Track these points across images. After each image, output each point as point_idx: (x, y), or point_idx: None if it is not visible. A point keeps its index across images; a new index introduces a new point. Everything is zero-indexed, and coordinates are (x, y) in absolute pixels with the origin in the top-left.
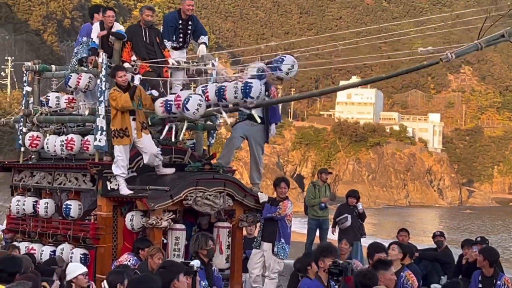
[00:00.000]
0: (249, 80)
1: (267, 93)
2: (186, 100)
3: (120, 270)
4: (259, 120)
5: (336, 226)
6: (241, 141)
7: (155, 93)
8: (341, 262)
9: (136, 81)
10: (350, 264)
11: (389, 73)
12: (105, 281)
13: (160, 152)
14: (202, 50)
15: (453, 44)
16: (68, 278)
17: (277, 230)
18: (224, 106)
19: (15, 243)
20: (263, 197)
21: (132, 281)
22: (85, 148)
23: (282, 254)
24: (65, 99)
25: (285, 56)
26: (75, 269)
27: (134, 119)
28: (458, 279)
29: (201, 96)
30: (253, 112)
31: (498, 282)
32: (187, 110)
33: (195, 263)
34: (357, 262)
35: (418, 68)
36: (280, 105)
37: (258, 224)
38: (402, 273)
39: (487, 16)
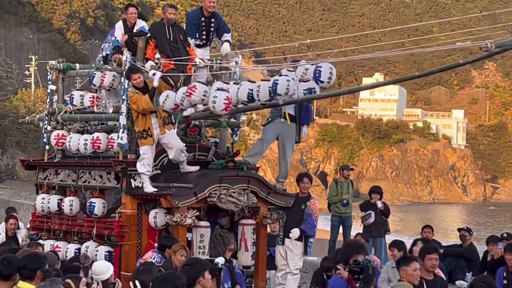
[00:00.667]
0: (276, 77)
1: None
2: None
3: (147, 267)
4: (288, 120)
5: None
6: (271, 143)
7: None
8: (361, 260)
9: (155, 82)
10: (371, 262)
11: (423, 71)
12: (136, 281)
13: (185, 147)
14: (225, 48)
15: (477, 40)
16: (100, 279)
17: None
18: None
19: (40, 241)
20: (296, 233)
21: (157, 278)
22: (110, 146)
23: (307, 251)
24: (89, 98)
25: (321, 66)
26: (106, 269)
27: (155, 116)
28: (487, 275)
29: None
30: (285, 109)
31: None
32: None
33: (220, 260)
34: (374, 258)
35: (460, 65)
36: (313, 106)
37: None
38: None
39: None
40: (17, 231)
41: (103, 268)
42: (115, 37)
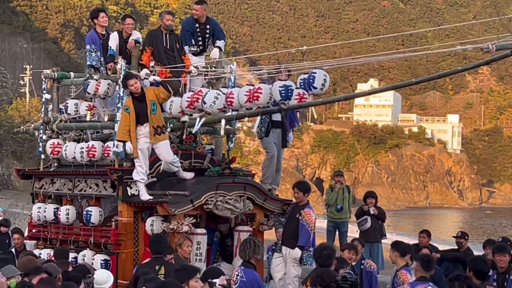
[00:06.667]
0: (313, 71)
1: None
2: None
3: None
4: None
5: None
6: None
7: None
8: (350, 276)
9: (147, 81)
10: (357, 277)
11: (419, 77)
12: None
13: (175, 160)
14: (214, 54)
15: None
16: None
17: (297, 234)
18: (248, 109)
19: (36, 250)
20: (298, 253)
21: (159, 286)
22: (105, 155)
23: (308, 261)
24: (86, 107)
25: (315, 72)
26: (108, 278)
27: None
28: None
29: (219, 91)
30: (273, 117)
31: (511, 277)
32: (204, 103)
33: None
34: (370, 262)
35: (459, 71)
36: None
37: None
38: (397, 272)
39: None
40: (25, 242)
41: (104, 278)
42: (110, 47)
